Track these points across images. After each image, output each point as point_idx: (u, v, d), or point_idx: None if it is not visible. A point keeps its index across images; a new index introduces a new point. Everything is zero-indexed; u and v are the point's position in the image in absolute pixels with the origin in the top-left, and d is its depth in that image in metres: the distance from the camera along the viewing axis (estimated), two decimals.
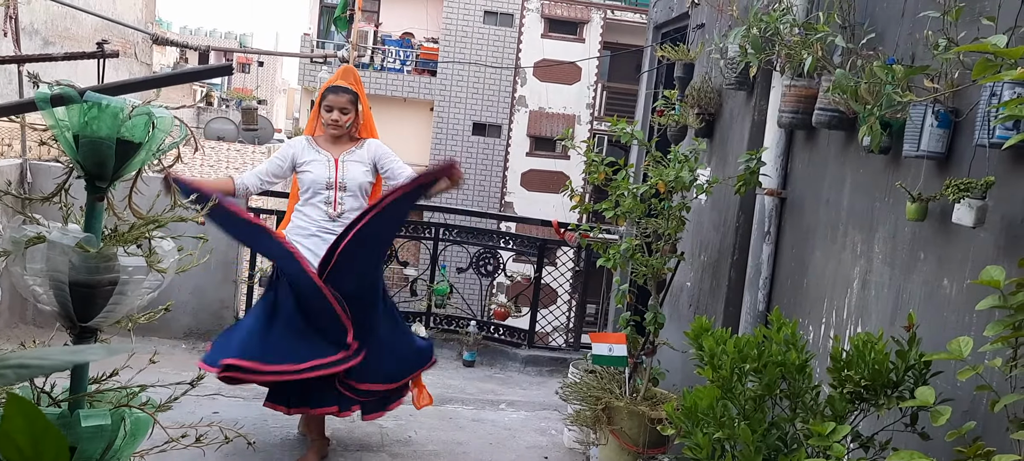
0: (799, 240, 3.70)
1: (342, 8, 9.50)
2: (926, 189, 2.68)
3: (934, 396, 2.13)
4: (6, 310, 5.46)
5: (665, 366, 4.38)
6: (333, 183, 3.80)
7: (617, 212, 4.09)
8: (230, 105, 24.70)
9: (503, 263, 6.54)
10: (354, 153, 3.89)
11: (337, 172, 3.82)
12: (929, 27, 2.66)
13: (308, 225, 3.81)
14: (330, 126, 3.84)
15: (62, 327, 1.85)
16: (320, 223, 3.79)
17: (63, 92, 1.70)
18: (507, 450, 4.36)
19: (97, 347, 0.88)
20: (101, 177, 1.80)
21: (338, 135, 3.87)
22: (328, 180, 3.80)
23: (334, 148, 3.88)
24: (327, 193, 3.80)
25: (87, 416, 1.73)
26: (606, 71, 23.05)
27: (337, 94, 3.84)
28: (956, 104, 2.62)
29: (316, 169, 3.82)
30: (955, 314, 2.58)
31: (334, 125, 3.83)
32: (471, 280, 6.68)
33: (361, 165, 3.87)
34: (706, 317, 2.70)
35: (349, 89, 3.87)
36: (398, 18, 23.34)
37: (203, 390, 1.93)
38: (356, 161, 3.87)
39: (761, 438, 2.34)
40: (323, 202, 3.80)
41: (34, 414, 0.70)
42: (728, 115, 4.46)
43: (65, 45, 8.53)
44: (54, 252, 1.74)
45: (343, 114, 3.83)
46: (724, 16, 4.36)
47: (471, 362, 6.10)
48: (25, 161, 5.57)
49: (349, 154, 3.87)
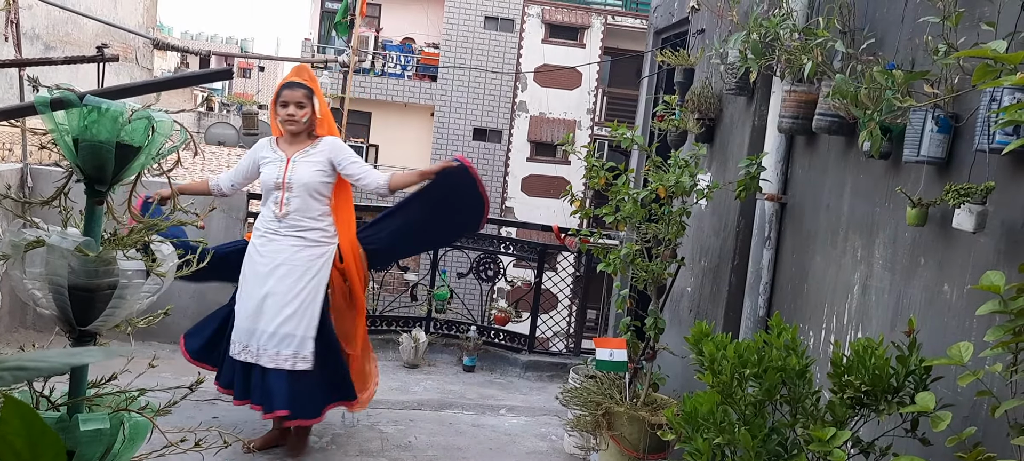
0: (799, 245, 3.70)
1: (343, 13, 9.50)
2: (926, 194, 2.67)
3: (935, 401, 2.12)
4: (6, 314, 5.45)
5: (665, 371, 4.38)
6: (280, 183, 3.79)
7: (617, 217, 4.09)
8: (231, 110, 24.72)
9: (503, 268, 6.54)
10: (308, 153, 3.84)
11: (285, 172, 3.80)
12: (929, 32, 2.67)
13: (260, 225, 3.87)
14: (286, 122, 3.81)
15: (61, 331, 1.85)
16: (267, 223, 3.83)
17: (63, 96, 1.71)
18: (507, 455, 4.35)
19: (96, 350, 0.88)
20: (101, 181, 1.80)
21: (296, 132, 3.84)
22: (276, 180, 3.79)
23: (289, 148, 3.86)
24: (276, 194, 3.80)
25: (86, 420, 1.73)
26: (606, 76, 23.08)
27: (291, 89, 3.83)
28: (956, 109, 2.62)
29: (269, 169, 3.83)
30: (956, 319, 2.58)
31: (290, 120, 3.80)
32: (471, 285, 6.68)
33: (313, 165, 3.81)
34: (706, 322, 2.70)
35: (304, 84, 3.85)
36: (399, 23, 23.38)
37: (202, 394, 1.93)
38: (308, 161, 3.82)
39: (761, 443, 2.33)
40: (273, 202, 3.81)
41: (32, 417, 0.70)
42: (728, 120, 4.46)
43: (66, 49, 8.55)
44: (53, 256, 1.74)
45: (299, 108, 3.80)
46: (724, 21, 4.36)
47: (471, 367, 6.09)
48: (25, 165, 5.57)
49: (302, 154, 3.83)
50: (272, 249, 3.79)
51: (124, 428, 1.79)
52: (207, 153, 17.67)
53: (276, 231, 3.79)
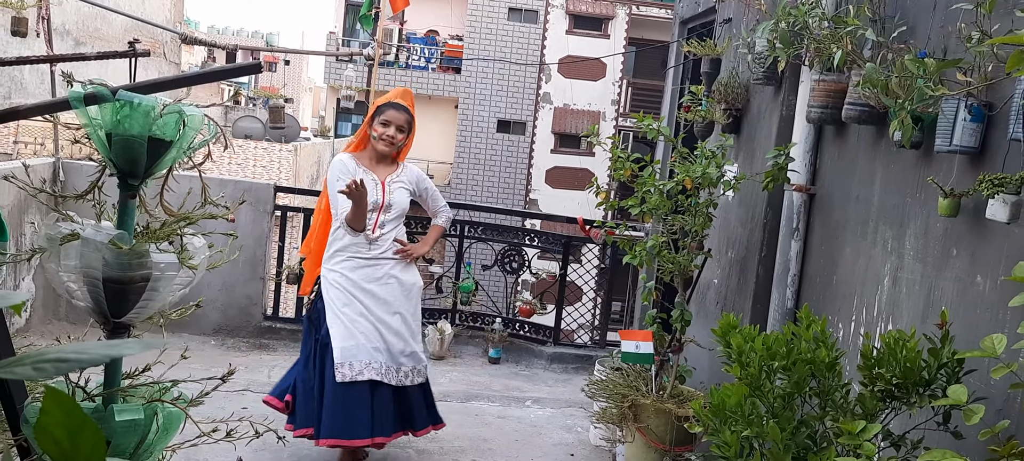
0: (828, 236, 3.66)
1: (368, 6, 9.54)
2: (959, 184, 2.64)
3: (967, 394, 2.10)
4: (40, 307, 5.55)
5: (692, 363, 4.36)
6: (379, 205, 3.74)
7: (643, 209, 4.07)
8: (257, 103, 24.91)
9: (528, 260, 6.54)
10: (399, 177, 3.85)
11: (384, 194, 3.77)
12: (962, 19, 2.62)
13: (345, 250, 3.74)
14: (381, 140, 3.77)
15: (96, 323, 1.88)
16: (358, 247, 3.73)
17: (97, 91, 1.73)
18: (533, 447, 4.36)
19: (131, 342, 0.90)
20: (133, 175, 1.82)
21: (384, 153, 3.81)
22: (375, 202, 3.72)
23: (379, 169, 3.81)
24: (371, 215, 3.72)
25: (121, 410, 1.76)
26: (631, 67, 22.96)
27: (398, 111, 3.80)
28: (990, 97, 2.57)
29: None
30: (989, 311, 2.54)
31: (387, 141, 3.77)
32: (496, 277, 6.69)
33: (405, 190, 3.85)
34: (734, 314, 2.68)
35: (408, 110, 3.84)
36: (423, 16, 23.39)
37: (233, 385, 1.95)
38: (401, 186, 3.84)
39: (790, 436, 2.32)
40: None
41: (72, 408, 0.71)
42: (756, 110, 4.42)
43: (96, 45, 8.65)
44: (88, 249, 1.76)
45: (399, 132, 3.79)
46: (751, 10, 4.32)
47: (497, 359, 6.10)
48: (58, 160, 5.66)
49: (395, 177, 3.84)
50: (370, 273, 3.75)
51: (158, 418, 1.81)
52: (235, 146, 17.84)
53: (369, 253, 3.75)
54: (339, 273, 3.73)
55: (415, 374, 3.79)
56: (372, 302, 3.71)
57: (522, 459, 4.21)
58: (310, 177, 19.47)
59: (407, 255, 3.85)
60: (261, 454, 3.72)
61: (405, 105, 3.84)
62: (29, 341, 4.94)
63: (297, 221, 6.59)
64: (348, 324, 3.66)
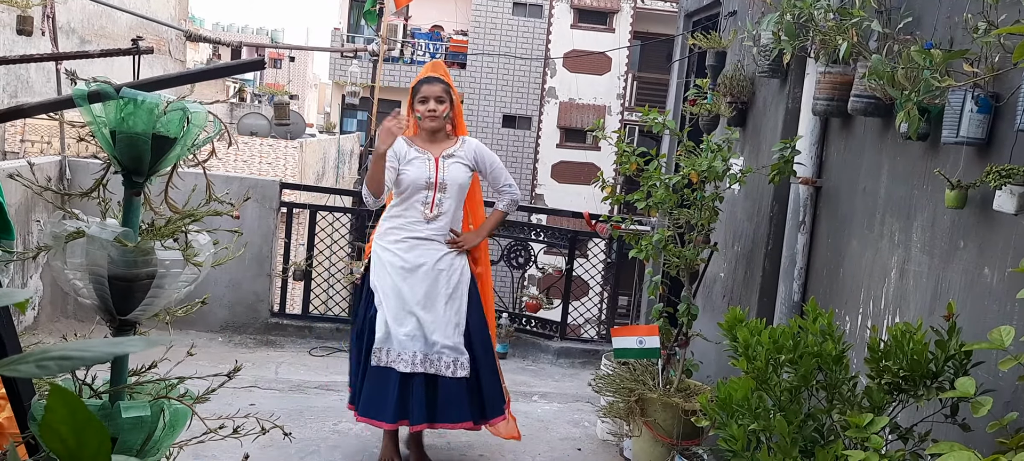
0: (835, 229, 3.65)
1: (372, 2, 9.54)
2: (966, 176, 2.62)
3: (975, 387, 2.09)
4: (47, 304, 5.57)
5: (698, 358, 4.35)
6: (433, 183, 3.66)
7: (649, 203, 4.06)
8: (262, 100, 24.97)
9: (534, 255, 6.54)
10: (454, 152, 3.76)
11: (437, 171, 3.68)
12: (968, 10, 2.61)
13: (399, 226, 3.69)
14: (427, 117, 3.69)
15: (102, 320, 1.88)
16: (413, 226, 3.67)
17: (100, 88, 1.73)
18: (540, 442, 4.36)
19: (137, 339, 0.90)
20: (138, 172, 1.82)
21: (436, 128, 3.73)
22: (428, 179, 3.66)
23: (433, 146, 3.74)
24: (425, 193, 3.66)
25: (127, 407, 1.76)
26: (636, 61, 22.93)
27: (430, 84, 3.72)
28: (997, 88, 2.56)
29: (415, 168, 3.67)
30: (996, 303, 2.53)
31: (432, 116, 3.69)
32: (502, 272, 6.69)
33: (462, 165, 3.74)
34: (740, 308, 2.68)
35: (441, 79, 3.76)
36: (427, 11, 23.41)
37: (239, 382, 1.95)
38: (457, 161, 3.74)
39: (797, 429, 2.31)
40: (420, 203, 3.67)
41: (77, 405, 0.71)
42: (761, 103, 4.41)
43: (101, 43, 8.67)
44: (93, 246, 1.77)
45: (439, 103, 3.70)
46: (756, 3, 4.30)
47: (503, 354, 6.10)
48: (64, 158, 5.67)
49: (449, 152, 3.75)
50: (423, 254, 3.67)
51: (164, 415, 1.82)
52: (240, 143, 17.85)
53: (424, 234, 3.67)
54: (392, 252, 3.67)
55: (457, 367, 3.66)
56: (417, 290, 3.63)
57: (529, 454, 4.21)
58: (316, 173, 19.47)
59: (458, 247, 3.75)
60: (268, 451, 3.73)
61: (438, 75, 3.78)
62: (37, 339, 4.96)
63: (303, 217, 6.59)
64: (390, 310, 3.62)
